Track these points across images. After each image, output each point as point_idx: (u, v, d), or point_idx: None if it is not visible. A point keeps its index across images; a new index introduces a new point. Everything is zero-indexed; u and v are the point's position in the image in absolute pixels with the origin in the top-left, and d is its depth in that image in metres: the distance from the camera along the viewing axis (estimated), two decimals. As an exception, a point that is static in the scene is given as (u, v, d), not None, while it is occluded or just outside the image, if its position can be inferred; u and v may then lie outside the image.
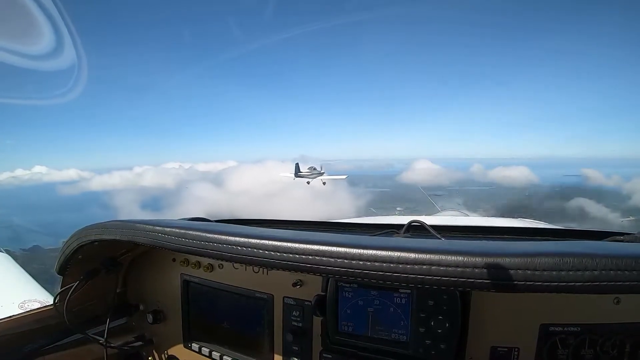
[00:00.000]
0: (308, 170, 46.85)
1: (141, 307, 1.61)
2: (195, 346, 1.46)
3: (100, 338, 1.42)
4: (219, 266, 1.40)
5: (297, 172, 45.51)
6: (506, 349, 0.99)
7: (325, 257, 0.78)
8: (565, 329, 0.95)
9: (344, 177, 54.94)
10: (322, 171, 47.51)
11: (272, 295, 1.29)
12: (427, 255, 0.69)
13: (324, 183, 48.28)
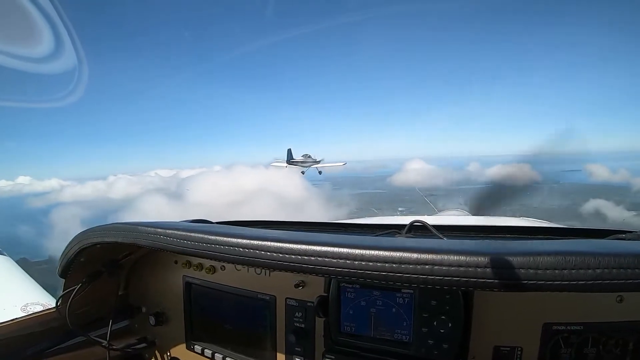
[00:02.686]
0: (302, 158, 42.06)
1: (143, 309, 1.61)
2: (197, 348, 1.46)
3: (103, 340, 1.42)
4: (221, 268, 1.40)
5: (290, 159, 40.93)
6: (509, 349, 0.99)
7: (328, 257, 0.78)
8: (568, 327, 0.95)
9: (342, 164, 48.87)
10: (317, 159, 42.59)
11: (275, 297, 1.29)
12: (430, 255, 0.69)
13: (320, 172, 43.92)
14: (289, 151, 41.24)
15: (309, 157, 42.32)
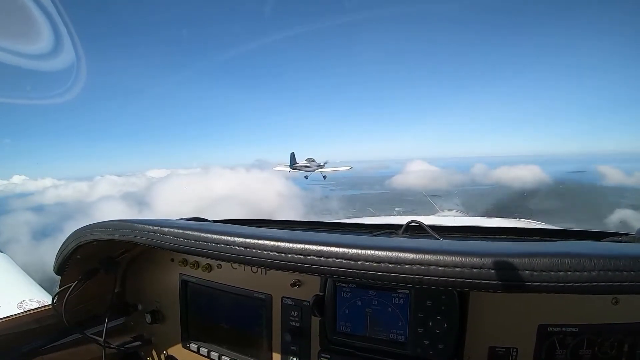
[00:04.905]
0: (306, 162, 39.77)
1: (139, 307, 1.61)
2: (193, 346, 1.46)
3: (99, 338, 1.42)
4: (217, 266, 1.40)
5: (293, 164, 38.61)
6: (504, 349, 0.99)
7: (324, 257, 0.78)
8: (564, 329, 0.95)
9: (348, 168, 46.36)
10: (321, 163, 40.13)
11: (271, 296, 1.29)
12: (426, 256, 0.69)
13: (324, 177, 41.65)
14: (292, 155, 38.88)
15: (313, 161, 40.30)
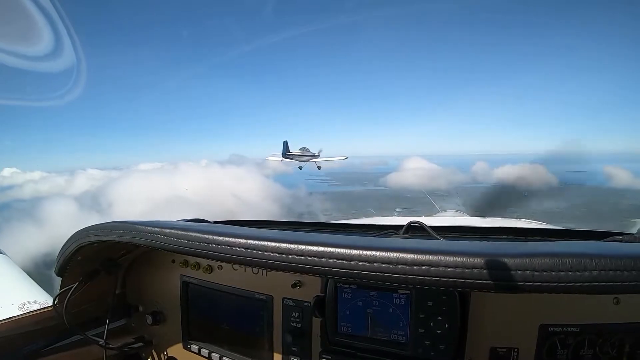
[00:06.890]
0: (300, 151, 36.91)
1: (140, 309, 1.61)
2: (194, 347, 1.46)
3: (100, 339, 1.42)
4: (218, 267, 1.40)
5: (286, 153, 35.91)
6: (505, 350, 0.99)
7: (324, 258, 0.78)
8: (565, 329, 0.95)
9: (344, 157, 43.88)
10: (316, 153, 37.79)
11: (272, 297, 1.29)
12: (426, 256, 0.70)
13: (319, 167, 39.42)
14: (285, 144, 36.29)
15: (307, 150, 37.80)
